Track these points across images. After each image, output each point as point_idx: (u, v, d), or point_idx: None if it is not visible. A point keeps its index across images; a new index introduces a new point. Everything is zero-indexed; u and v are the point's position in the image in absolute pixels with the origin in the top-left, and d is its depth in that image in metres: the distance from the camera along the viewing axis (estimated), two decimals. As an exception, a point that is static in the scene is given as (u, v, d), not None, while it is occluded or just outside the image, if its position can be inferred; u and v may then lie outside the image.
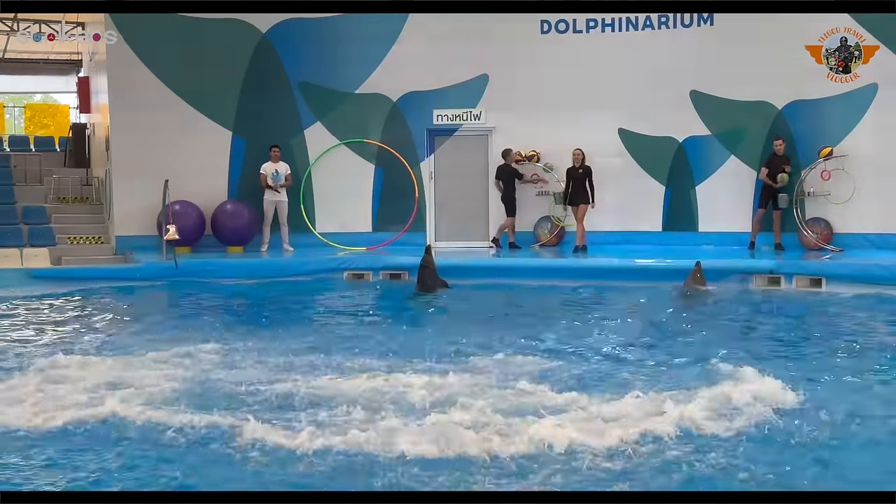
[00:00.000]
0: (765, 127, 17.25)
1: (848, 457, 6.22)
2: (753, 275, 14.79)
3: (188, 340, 9.88)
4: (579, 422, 6.72)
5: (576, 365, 8.84)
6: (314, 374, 8.34)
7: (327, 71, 18.23)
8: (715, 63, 17.37)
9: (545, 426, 6.50)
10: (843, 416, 6.99)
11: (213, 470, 5.95)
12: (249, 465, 6.02)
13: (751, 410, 6.90)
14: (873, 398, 7.70)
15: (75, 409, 7.14)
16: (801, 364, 8.98)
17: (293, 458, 6.10)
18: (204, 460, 6.12)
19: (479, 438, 6.34)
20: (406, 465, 5.96)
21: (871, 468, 6.05)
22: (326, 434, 6.42)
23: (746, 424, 6.66)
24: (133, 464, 6.02)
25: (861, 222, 16.78)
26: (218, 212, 17.75)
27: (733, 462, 5.99)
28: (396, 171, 18.37)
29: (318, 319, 12.42)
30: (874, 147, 16.61)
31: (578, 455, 6.10)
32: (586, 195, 17.21)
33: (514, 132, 18.13)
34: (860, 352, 9.65)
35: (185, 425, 6.67)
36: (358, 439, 6.28)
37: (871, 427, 6.85)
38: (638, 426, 6.57)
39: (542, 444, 6.25)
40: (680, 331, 11.01)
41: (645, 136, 17.92)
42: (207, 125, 18.00)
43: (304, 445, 6.23)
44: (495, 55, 18.07)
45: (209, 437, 6.50)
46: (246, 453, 6.21)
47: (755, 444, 6.35)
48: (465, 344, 9.85)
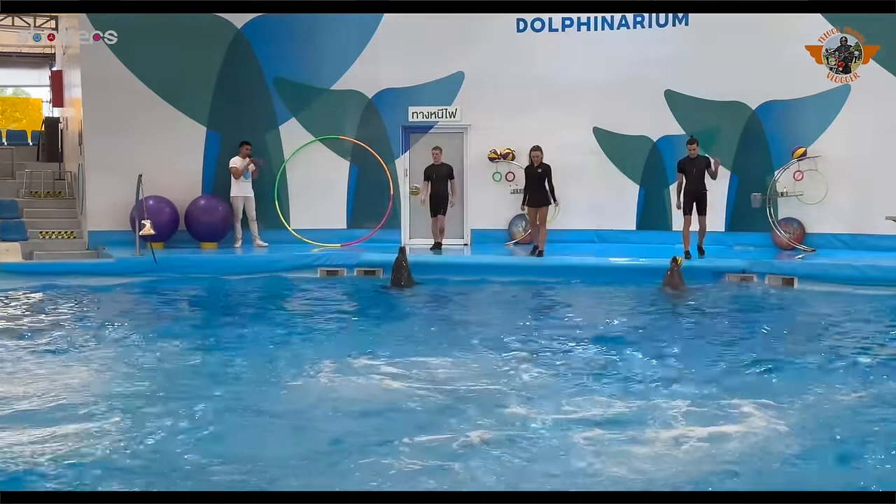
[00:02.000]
0: (739, 127, 17.34)
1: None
2: (726, 274, 14.92)
3: (134, 338, 10.22)
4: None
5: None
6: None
7: (302, 67, 18.18)
8: (690, 63, 17.44)
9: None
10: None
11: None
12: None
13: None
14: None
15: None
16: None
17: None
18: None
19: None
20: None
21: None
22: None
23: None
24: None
25: (833, 223, 16.89)
26: (192, 207, 17.65)
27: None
28: (371, 168, 18.35)
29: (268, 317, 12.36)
30: (847, 148, 16.70)
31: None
32: (546, 196, 16.34)
33: (489, 130, 18.16)
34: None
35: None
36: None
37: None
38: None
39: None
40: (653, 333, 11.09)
41: (620, 135, 17.98)
42: (181, 120, 17.90)
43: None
44: (471, 53, 18.09)
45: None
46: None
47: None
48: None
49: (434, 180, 17.27)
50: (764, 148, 17.23)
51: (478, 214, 18.38)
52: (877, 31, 16.36)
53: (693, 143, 15.94)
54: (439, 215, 17.30)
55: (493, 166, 18.29)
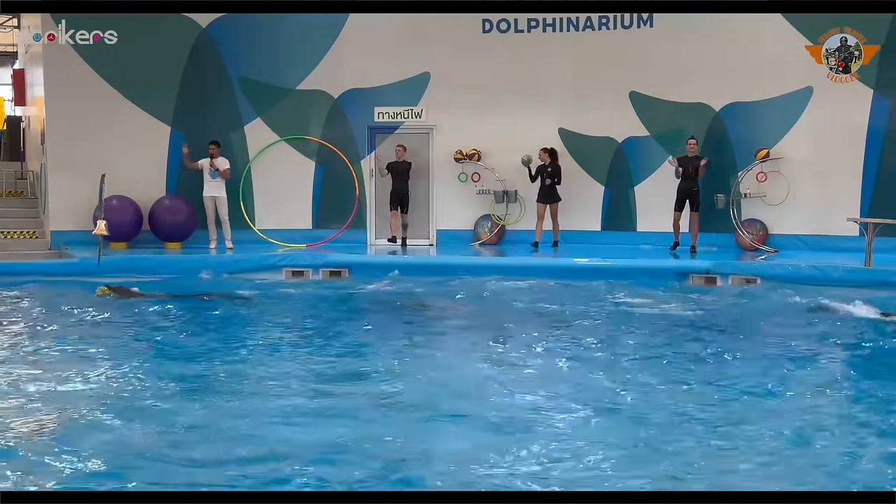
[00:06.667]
0: (703, 129, 17.44)
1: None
2: (690, 274, 15.02)
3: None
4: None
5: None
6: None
7: (268, 66, 18.10)
8: (654, 64, 17.52)
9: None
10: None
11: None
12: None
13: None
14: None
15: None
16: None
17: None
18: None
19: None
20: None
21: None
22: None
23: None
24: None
25: (795, 224, 17.04)
26: (155, 207, 17.54)
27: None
28: (337, 168, 18.31)
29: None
30: (809, 150, 16.88)
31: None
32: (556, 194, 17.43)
33: (455, 130, 18.16)
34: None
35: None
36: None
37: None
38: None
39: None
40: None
41: (585, 135, 18.04)
42: (145, 120, 17.77)
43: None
44: (437, 53, 18.08)
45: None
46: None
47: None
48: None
49: (395, 175, 17.46)
50: (728, 149, 17.36)
51: (444, 215, 18.38)
52: (875, 31, 16.53)
53: (692, 141, 16.54)
54: (398, 211, 17.58)
55: (458, 167, 18.29)
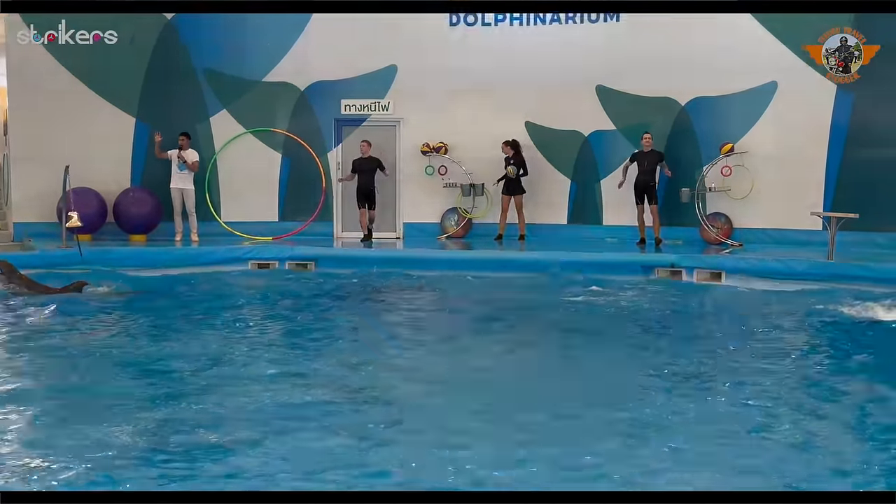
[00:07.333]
0: (669, 123, 17.52)
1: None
2: (655, 268, 15.08)
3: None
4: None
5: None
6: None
7: (234, 58, 18.02)
8: (621, 59, 17.53)
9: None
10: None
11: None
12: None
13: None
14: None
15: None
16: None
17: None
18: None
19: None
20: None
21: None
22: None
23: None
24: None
25: (760, 218, 17.16)
26: (120, 199, 17.43)
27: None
28: (303, 161, 18.25)
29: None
30: (773, 144, 16.99)
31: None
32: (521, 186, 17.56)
33: (422, 123, 18.14)
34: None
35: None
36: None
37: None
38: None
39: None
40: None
41: (551, 129, 18.06)
42: (110, 111, 17.68)
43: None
44: (404, 47, 18.04)
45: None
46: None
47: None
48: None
49: (361, 173, 17.39)
50: (693, 143, 17.44)
51: (410, 208, 18.36)
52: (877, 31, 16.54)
53: (647, 136, 16.68)
54: (367, 208, 17.52)
55: (425, 160, 18.27)
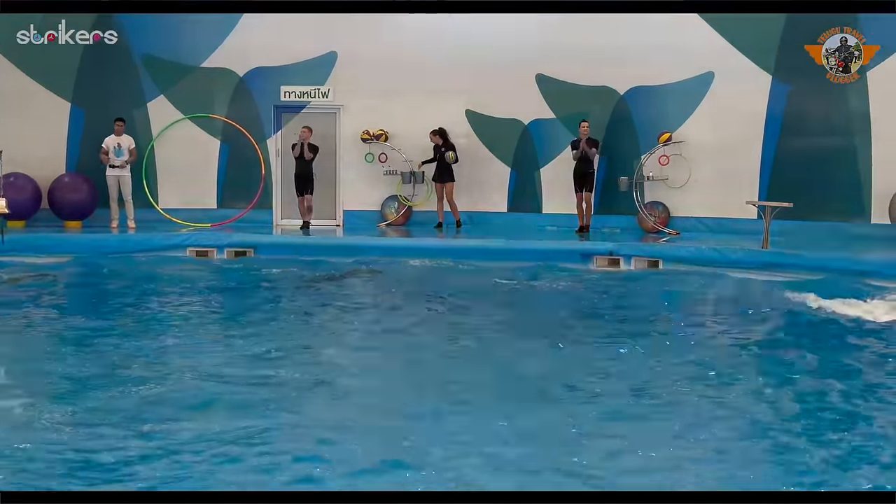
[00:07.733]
0: (607, 112, 17.65)
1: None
2: (594, 256, 15.20)
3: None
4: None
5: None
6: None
7: (172, 43, 17.85)
8: (560, 48, 17.62)
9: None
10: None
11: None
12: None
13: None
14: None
15: None
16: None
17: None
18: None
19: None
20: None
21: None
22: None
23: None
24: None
25: (696, 206, 17.38)
26: (55, 185, 17.19)
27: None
28: (242, 147, 18.12)
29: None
30: (710, 134, 17.20)
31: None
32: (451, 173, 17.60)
33: (362, 110, 18.09)
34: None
35: None
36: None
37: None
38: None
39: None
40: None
41: (491, 117, 18.10)
42: (44, 95, 17.46)
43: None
44: (344, 33, 17.95)
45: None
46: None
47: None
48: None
49: (297, 160, 17.37)
50: (632, 132, 17.59)
51: (350, 196, 18.31)
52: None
53: (585, 123, 16.84)
54: (305, 195, 17.45)
55: (365, 147, 18.23)
